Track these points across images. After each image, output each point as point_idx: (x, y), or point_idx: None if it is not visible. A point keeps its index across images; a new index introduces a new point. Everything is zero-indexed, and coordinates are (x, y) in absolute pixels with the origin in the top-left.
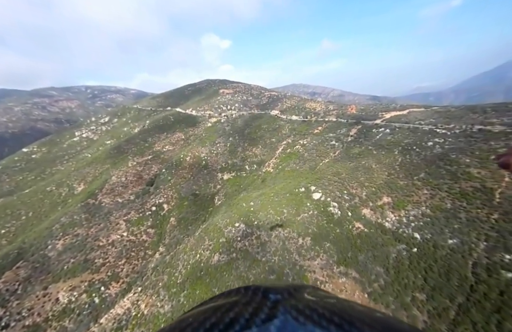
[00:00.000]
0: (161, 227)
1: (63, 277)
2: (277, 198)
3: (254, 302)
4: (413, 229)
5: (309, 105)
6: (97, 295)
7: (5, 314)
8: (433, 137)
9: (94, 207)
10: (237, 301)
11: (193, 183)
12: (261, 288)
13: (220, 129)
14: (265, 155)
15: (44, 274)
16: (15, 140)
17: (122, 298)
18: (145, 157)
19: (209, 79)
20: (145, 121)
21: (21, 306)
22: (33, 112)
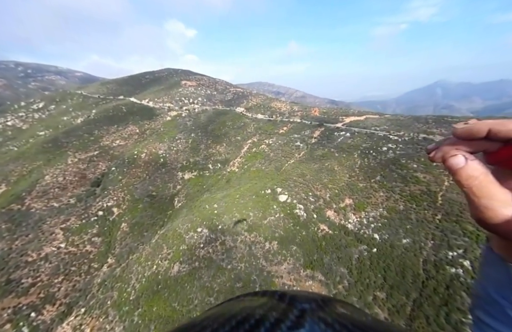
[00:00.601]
0: (110, 235)
1: None
2: (242, 200)
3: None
4: (372, 230)
5: (275, 105)
6: (27, 324)
7: None
8: (387, 143)
9: (20, 214)
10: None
11: (150, 184)
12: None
13: (181, 124)
14: (230, 153)
15: None
16: None
17: (61, 323)
18: (90, 153)
19: (171, 69)
20: (91, 110)
21: None
22: None
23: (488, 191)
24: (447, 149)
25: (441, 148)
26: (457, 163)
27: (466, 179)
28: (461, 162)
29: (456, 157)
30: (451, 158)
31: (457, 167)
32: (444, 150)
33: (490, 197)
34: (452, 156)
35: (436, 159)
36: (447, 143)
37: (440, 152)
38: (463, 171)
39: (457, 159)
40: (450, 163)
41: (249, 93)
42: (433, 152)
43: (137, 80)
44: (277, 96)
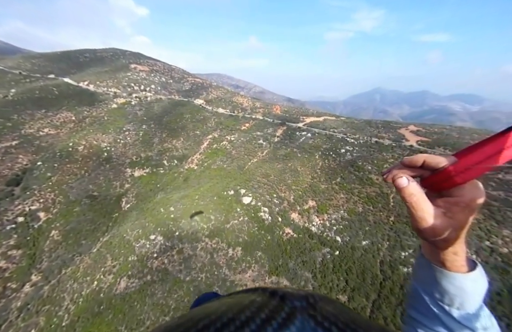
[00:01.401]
0: (35, 246)
1: None
2: (202, 201)
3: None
4: (335, 233)
5: (236, 100)
6: None
7: None
8: (345, 145)
9: None
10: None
11: (89, 182)
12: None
13: (130, 113)
14: (188, 149)
15: None
16: None
17: None
18: (7, 143)
19: (117, 49)
20: (9, 89)
21: None
22: None
23: (423, 206)
24: (395, 172)
25: (392, 171)
26: (402, 183)
27: (408, 195)
28: (405, 183)
29: (402, 179)
30: (398, 179)
31: (402, 186)
32: (394, 173)
33: (424, 211)
34: (399, 177)
35: (388, 180)
36: (396, 168)
37: (391, 175)
38: (406, 189)
39: (403, 180)
40: (398, 182)
41: (209, 85)
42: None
43: (74, 58)
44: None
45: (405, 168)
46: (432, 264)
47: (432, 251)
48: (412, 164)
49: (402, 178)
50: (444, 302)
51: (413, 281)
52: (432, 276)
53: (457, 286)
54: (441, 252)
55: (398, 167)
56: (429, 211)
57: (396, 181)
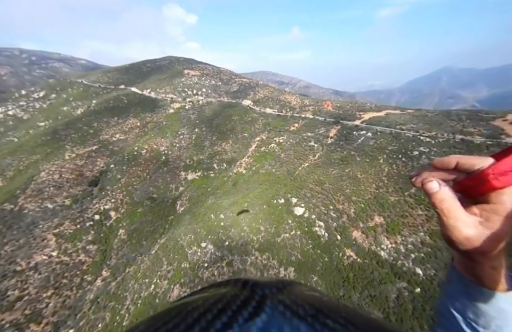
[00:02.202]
0: (106, 242)
1: None
2: (252, 210)
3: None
4: (413, 262)
5: (284, 98)
6: None
7: None
8: (418, 145)
9: (12, 215)
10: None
11: (150, 184)
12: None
13: (184, 117)
14: (237, 152)
15: None
16: None
17: None
18: (89, 148)
19: (172, 57)
20: (91, 100)
21: None
22: None
23: (455, 213)
24: (425, 175)
25: (421, 174)
26: (432, 187)
27: (439, 201)
28: (436, 187)
29: (432, 183)
30: (428, 183)
31: (433, 191)
32: (423, 176)
33: (457, 219)
34: (429, 181)
35: (416, 184)
36: (426, 170)
37: (420, 178)
38: (437, 195)
39: (433, 184)
40: (427, 187)
41: (256, 84)
42: (415, 177)
43: (138, 69)
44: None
45: (436, 171)
46: (465, 279)
47: (466, 264)
48: (443, 166)
49: (433, 182)
50: (479, 324)
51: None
52: (465, 293)
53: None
54: (477, 266)
55: (428, 170)
56: (463, 219)
57: (426, 185)
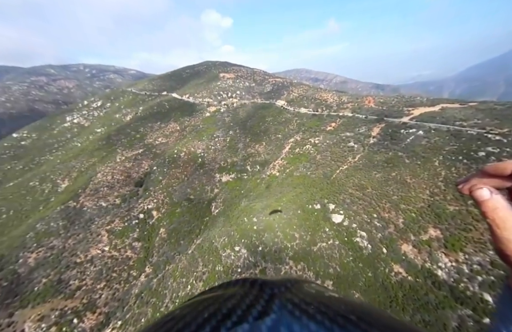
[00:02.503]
0: (149, 240)
1: (32, 302)
2: (285, 214)
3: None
4: (480, 286)
5: (320, 96)
6: (69, 330)
7: None
8: (485, 145)
9: (75, 212)
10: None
11: (188, 186)
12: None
13: (219, 120)
14: (270, 154)
15: (11, 296)
16: (13, 121)
17: None
18: (135, 151)
19: (209, 61)
20: (138, 107)
21: None
22: (31, 92)
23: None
24: (474, 182)
25: (470, 181)
26: (482, 195)
27: (491, 210)
28: (486, 195)
29: (482, 190)
30: (478, 190)
31: (483, 199)
32: (472, 183)
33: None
34: (478, 189)
35: (464, 191)
36: (476, 177)
37: (468, 185)
38: (489, 203)
39: (483, 192)
40: (477, 194)
41: (290, 83)
42: (462, 184)
43: (179, 75)
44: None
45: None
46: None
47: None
48: (497, 172)
49: (483, 189)
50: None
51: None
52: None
53: None
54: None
55: (478, 176)
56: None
57: (475, 193)
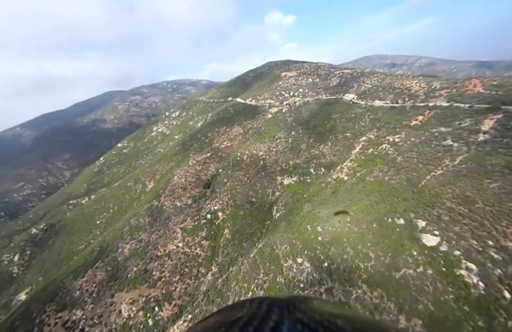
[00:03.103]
0: (216, 240)
1: (126, 287)
2: (356, 227)
3: (259, 316)
4: None
5: (400, 84)
6: (151, 317)
7: (82, 317)
8: None
9: (157, 210)
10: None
11: (250, 188)
12: (265, 301)
13: (281, 120)
14: (337, 155)
15: (113, 280)
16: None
17: (173, 325)
18: (204, 155)
19: (271, 62)
20: (207, 114)
21: (93, 311)
22: (130, 109)
23: None
24: None
25: None
26: None
27: None
28: None
29: None
30: None
31: None
32: None
33: None
34: None
35: None
36: None
37: None
38: None
39: None
40: None
41: (361, 73)
42: None
43: (242, 80)
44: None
45: None
46: None
47: None
48: None
49: None
50: None
51: None
52: None
53: None
54: None
55: None
56: None
57: None
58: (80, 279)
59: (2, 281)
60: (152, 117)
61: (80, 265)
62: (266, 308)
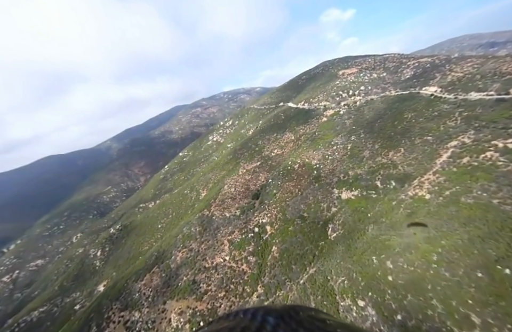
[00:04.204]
0: (263, 257)
1: (176, 296)
2: (448, 271)
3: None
4: None
5: (510, 68)
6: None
7: (139, 319)
8: None
9: (207, 220)
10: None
11: (301, 201)
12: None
13: (338, 124)
14: (414, 165)
15: (165, 287)
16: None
17: None
18: (254, 164)
19: (326, 61)
20: (258, 121)
21: (148, 315)
22: (192, 120)
23: None
24: None
25: None
26: None
27: None
28: None
29: None
30: None
31: None
32: None
33: None
34: None
35: None
36: None
37: None
38: None
39: None
40: None
41: (446, 60)
42: None
43: (295, 83)
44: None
45: None
46: None
47: None
48: None
49: None
50: None
51: None
52: None
53: None
54: None
55: None
56: None
57: None
58: (139, 282)
59: (88, 273)
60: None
61: (141, 268)
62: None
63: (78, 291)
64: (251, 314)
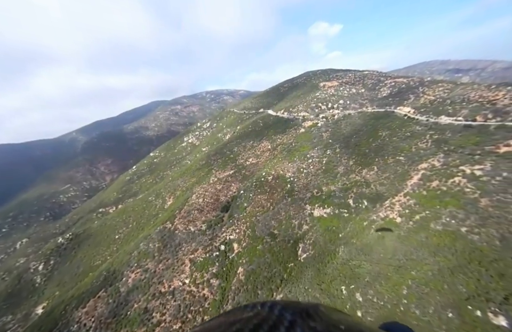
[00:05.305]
0: (227, 280)
1: (123, 329)
2: (419, 309)
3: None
4: None
5: (479, 95)
6: None
7: None
8: None
9: (168, 234)
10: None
11: (272, 217)
12: (277, 305)
13: (315, 136)
14: (386, 185)
15: (111, 316)
16: (157, 141)
17: None
18: (227, 172)
19: (309, 71)
20: (236, 126)
21: None
22: (170, 118)
23: None
24: None
25: None
26: None
27: None
28: None
29: None
30: None
31: None
32: None
33: None
34: None
35: None
36: None
37: None
38: None
39: None
40: None
41: (420, 82)
42: None
43: (277, 91)
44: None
45: None
46: None
47: None
48: None
49: None
50: None
51: None
52: None
53: None
54: None
55: None
56: None
57: None
58: (80, 310)
59: (25, 291)
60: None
61: (85, 291)
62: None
63: (10, 314)
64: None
